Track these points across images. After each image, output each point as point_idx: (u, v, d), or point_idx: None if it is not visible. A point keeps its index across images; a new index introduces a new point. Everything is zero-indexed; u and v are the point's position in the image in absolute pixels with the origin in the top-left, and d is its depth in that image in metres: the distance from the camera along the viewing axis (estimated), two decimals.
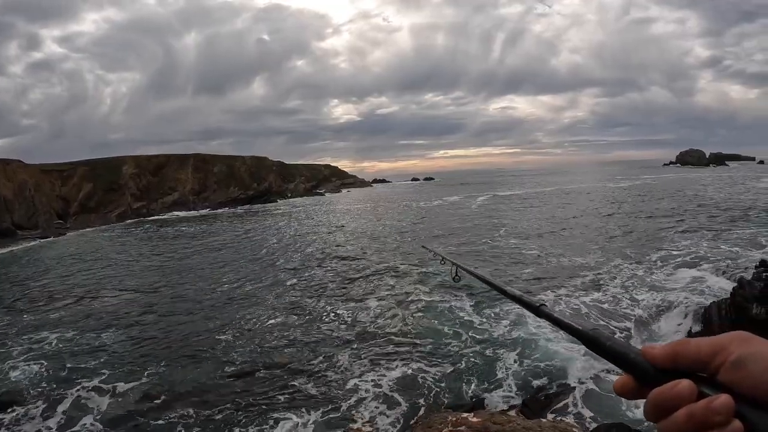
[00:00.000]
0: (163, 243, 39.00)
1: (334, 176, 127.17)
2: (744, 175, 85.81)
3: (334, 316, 16.53)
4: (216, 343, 14.52)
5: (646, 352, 0.66)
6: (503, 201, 61.22)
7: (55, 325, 16.93)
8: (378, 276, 21.41)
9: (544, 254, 24.01)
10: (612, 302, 16.00)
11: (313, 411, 10.26)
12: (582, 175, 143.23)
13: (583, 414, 9.54)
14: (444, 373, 11.65)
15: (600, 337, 0.74)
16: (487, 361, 12.17)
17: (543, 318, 0.97)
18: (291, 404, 10.64)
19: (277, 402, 10.76)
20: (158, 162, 75.93)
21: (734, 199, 43.58)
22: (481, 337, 13.61)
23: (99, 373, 12.61)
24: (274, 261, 27.09)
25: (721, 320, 12.12)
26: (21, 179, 53.41)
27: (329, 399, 10.75)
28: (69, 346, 14.82)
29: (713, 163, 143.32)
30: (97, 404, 11.06)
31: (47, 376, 12.64)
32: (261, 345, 14.18)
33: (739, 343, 0.60)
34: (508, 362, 12.03)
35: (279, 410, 10.39)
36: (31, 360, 13.70)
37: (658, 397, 0.60)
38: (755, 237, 24.46)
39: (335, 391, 11.09)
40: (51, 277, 26.41)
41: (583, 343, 0.78)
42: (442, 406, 10.06)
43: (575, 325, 0.81)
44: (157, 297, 20.43)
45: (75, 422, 10.32)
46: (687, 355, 0.62)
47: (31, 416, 10.59)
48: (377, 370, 12.11)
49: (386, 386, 11.17)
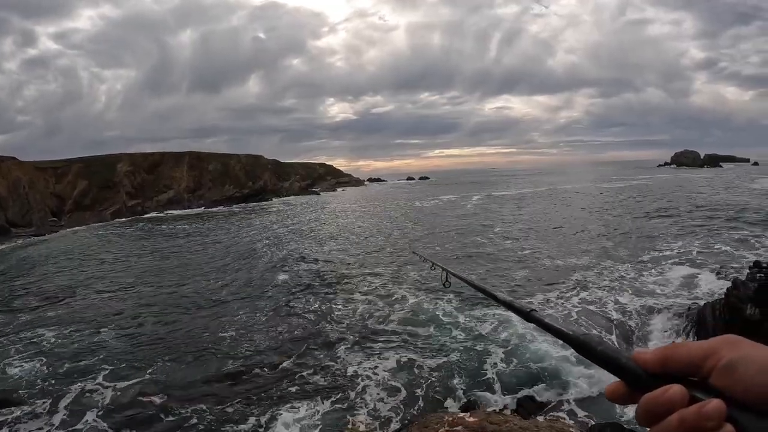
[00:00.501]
0: (158, 241, 38.86)
1: (329, 175, 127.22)
2: (738, 176, 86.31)
3: (324, 314, 16.58)
4: (215, 339, 14.58)
5: (636, 356, 0.65)
6: (497, 201, 61.33)
7: (51, 323, 16.90)
8: (368, 278, 21.34)
9: (535, 256, 24.08)
10: (601, 305, 15.98)
11: (312, 404, 10.29)
12: (576, 175, 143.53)
13: (577, 414, 9.60)
14: (437, 374, 11.67)
15: (591, 342, 0.74)
16: (479, 362, 12.20)
17: (533, 323, 0.96)
18: (289, 398, 10.69)
19: (275, 396, 10.80)
20: (153, 160, 75.72)
21: (728, 200, 43.79)
22: (472, 339, 13.62)
23: (100, 369, 12.67)
24: (267, 260, 27.07)
25: (715, 321, 12.19)
26: (15, 176, 53.16)
27: (325, 394, 10.78)
28: (67, 343, 14.82)
29: (708, 164, 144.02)
30: (99, 400, 11.09)
31: (47, 373, 12.64)
32: (257, 341, 14.25)
33: (730, 347, 0.59)
34: (502, 363, 12.07)
35: (279, 404, 10.43)
36: (29, 358, 13.69)
37: (649, 402, 0.60)
38: (747, 238, 24.64)
39: (328, 388, 11.12)
40: (45, 274, 26.27)
41: (573, 348, 0.77)
42: (437, 406, 10.10)
43: (566, 331, 0.81)
44: (153, 294, 20.40)
45: (78, 419, 10.32)
46: (678, 360, 0.62)
47: (33, 414, 10.58)
48: (370, 366, 12.17)
49: (380, 386, 11.20)
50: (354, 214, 54.37)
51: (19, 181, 53.08)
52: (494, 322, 14.45)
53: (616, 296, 16.75)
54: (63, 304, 19.43)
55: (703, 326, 12.43)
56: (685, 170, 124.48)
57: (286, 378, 11.81)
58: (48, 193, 60.43)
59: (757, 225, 28.01)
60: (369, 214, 53.19)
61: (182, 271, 25.05)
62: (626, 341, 13.36)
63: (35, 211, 53.71)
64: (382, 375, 11.77)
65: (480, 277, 20.36)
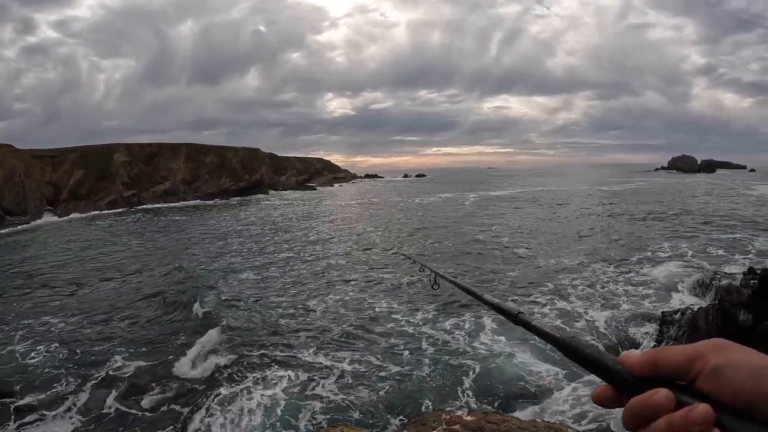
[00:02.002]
0: (154, 231, 38.87)
1: (326, 170, 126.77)
2: (734, 182, 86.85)
3: (309, 312, 16.76)
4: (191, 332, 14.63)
5: (623, 360, 0.65)
6: (493, 201, 61.43)
7: (55, 310, 17.09)
8: (355, 277, 21.22)
9: (527, 256, 24.29)
10: (589, 308, 16.02)
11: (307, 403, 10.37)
12: (574, 177, 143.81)
13: (573, 414, 9.68)
14: (430, 375, 11.74)
15: (578, 345, 0.73)
16: (473, 363, 12.28)
17: (521, 326, 0.96)
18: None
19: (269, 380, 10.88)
20: (150, 151, 75.29)
21: (723, 206, 44.12)
22: (466, 341, 13.66)
23: (110, 353, 12.94)
24: (261, 253, 27.12)
25: (708, 326, 12.30)
26: (11, 164, 52.82)
27: (313, 393, 10.86)
28: (74, 329, 15.17)
29: (704, 170, 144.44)
30: (115, 383, 11.33)
31: (57, 359, 12.88)
32: (245, 331, 14.33)
33: (716, 351, 0.59)
34: (495, 364, 12.15)
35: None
36: (38, 344, 13.89)
37: (636, 406, 0.59)
38: (739, 242, 24.86)
39: (315, 385, 11.20)
40: (39, 263, 26.29)
41: (561, 351, 0.77)
42: (431, 405, 10.17)
43: (553, 334, 0.81)
44: (150, 283, 20.44)
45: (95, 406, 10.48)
46: (665, 363, 0.62)
47: (45, 401, 10.74)
48: (358, 369, 12.22)
49: (372, 386, 11.25)
50: (348, 210, 54.55)
51: (15, 169, 52.75)
52: (486, 326, 14.44)
53: (606, 299, 16.84)
54: (62, 291, 19.58)
55: (696, 331, 12.52)
56: (683, 175, 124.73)
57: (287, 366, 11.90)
58: (44, 181, 60.04)
59: (749, 230, 28.25)
60: (363, 210, 53.34)
61: (174, 260, 25.03)
62: (615, 345, 13.40)
63: (31, 199, 53.38)
64: (375, 378, 11.85)
65: (469, 277, 20.45)
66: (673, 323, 13.57)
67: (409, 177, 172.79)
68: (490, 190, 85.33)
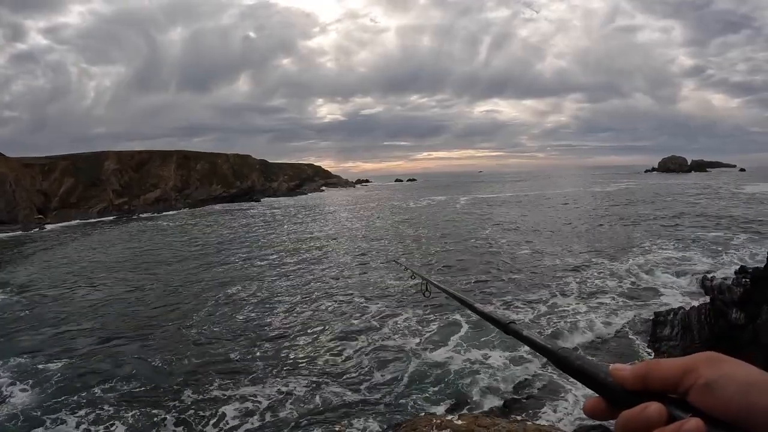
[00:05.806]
0: (145, 240, 38.63)
1: (317, 176, 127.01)
2: (725, 181, 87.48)
3: (297, 317, 16.60)
4: None
5: (615, 373, 0.65)
6: (484, 203, 61.49)
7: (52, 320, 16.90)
8: (344, 287, 20.72)
9: (523, 257, 24.19)
10: (579, 312, 15.75)
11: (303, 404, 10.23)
12: (564, 179, 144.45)
13: (563, 416, 9.60)
14: (420, 380, 11.63)
15: (569, 356, 0.73)
16: (466, 365, 12.19)
17: (512, 335, 0.94)
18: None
19: None
20: (141, 158, 75.14)
21: (714, 205, 44.35)
22: (455, 346, 13.52)
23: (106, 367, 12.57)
24: (252, 260, 26.98)
25: (700, 324, 12.29)
26: (1, 172, 52.50)
27: (307, 397, 10.72)
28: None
29: (694, 170, 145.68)
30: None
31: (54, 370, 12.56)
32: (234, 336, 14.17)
33: (709, 365, 0.59)
34: (488, 365, 12.07)
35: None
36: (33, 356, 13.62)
37: (627, 420, 0.59)
38: (730, 241, 24.97)
39: (312, 391, 11.07)
40: (31, 271, 26.04)
41: (551, 362, 0.76)
42: (421, 409, 10.07)
43: (544, 344, 0.80)
44: (145, 290, 20.26)
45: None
46: (656, 377, 0.61)
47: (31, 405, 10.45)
48: (346, 377, 12.10)
49: (361, 393, 11.13)
50: (339, 215, 54.42)
51: (5, 177, 52.41)
52: (480, 326, 14.32)
53: (598, 300, 16.77)
54: (54, 301, 19.27)
55: (689, 330, 12.51)
56: (674, 176, 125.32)
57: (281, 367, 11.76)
58: (34, 189, 59.68)
59: (740, 230, 28.36)
60: (354, 215, 53.13)
61: (162, 270, 24.86)
62: (606, 351, 13.25)
63: (21, 207, 53.03)
64: (370, 378, 11.74)
65: (461, 279, 20.40)
66: (666, 323, 13.49)
67: (401, 181, 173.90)
68: (480, 193, 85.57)
